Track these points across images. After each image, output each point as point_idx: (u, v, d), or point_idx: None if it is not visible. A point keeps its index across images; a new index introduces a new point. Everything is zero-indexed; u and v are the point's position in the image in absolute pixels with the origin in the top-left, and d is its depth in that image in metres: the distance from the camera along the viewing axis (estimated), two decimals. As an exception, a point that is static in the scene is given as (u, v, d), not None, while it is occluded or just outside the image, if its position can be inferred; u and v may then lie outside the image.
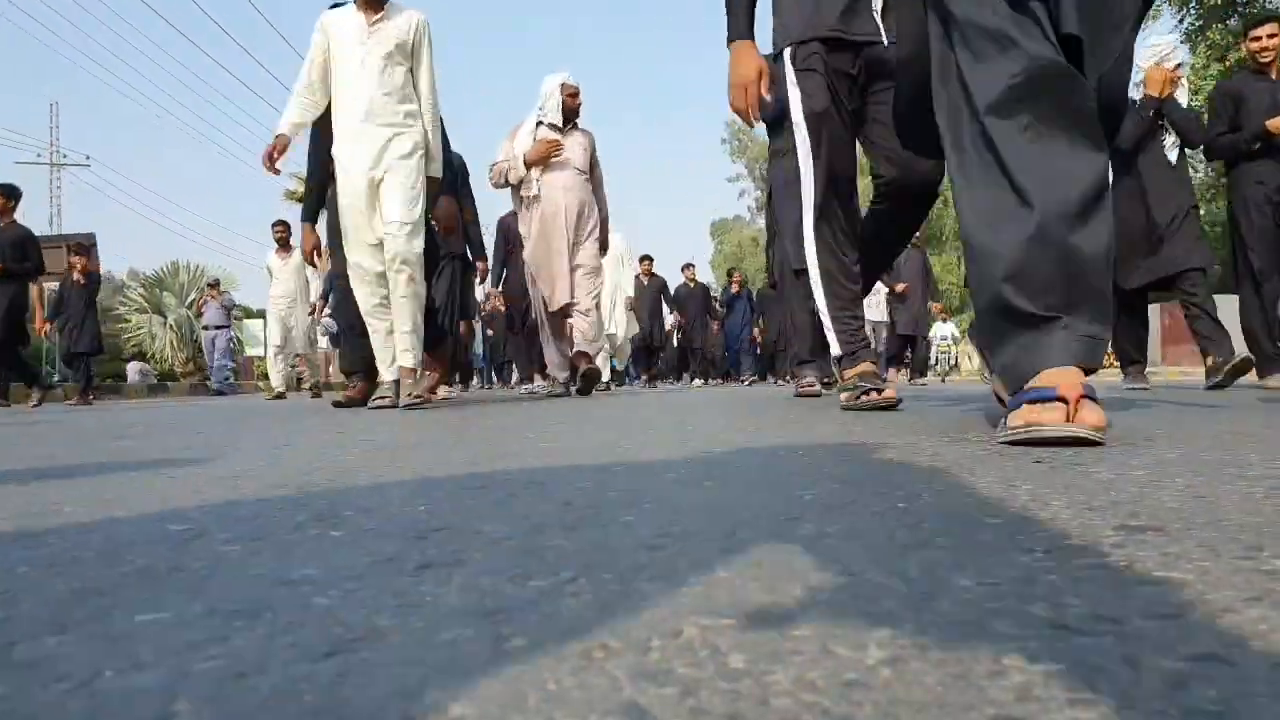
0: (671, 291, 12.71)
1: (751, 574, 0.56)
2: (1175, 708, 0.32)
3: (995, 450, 1.30)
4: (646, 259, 11.90)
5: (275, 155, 3.81)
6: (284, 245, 8.98)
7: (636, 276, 11.51)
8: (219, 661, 0.41)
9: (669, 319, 13.03)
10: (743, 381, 13.21)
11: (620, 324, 9.61)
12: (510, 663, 0.40)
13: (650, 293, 11.94)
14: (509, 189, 5.56)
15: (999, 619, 0.44)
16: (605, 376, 8.91)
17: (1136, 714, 0.32)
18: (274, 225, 9.05)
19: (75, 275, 9.47)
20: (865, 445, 1.45)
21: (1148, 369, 5.03)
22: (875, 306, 10.31)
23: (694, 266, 13.49)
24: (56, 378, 9.92)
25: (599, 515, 0.80)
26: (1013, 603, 0.47)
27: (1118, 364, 5.11)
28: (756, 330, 13.17)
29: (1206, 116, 5.02)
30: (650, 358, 12.70)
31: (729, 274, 14.32)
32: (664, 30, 73.46)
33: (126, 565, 0.63)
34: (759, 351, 13.48)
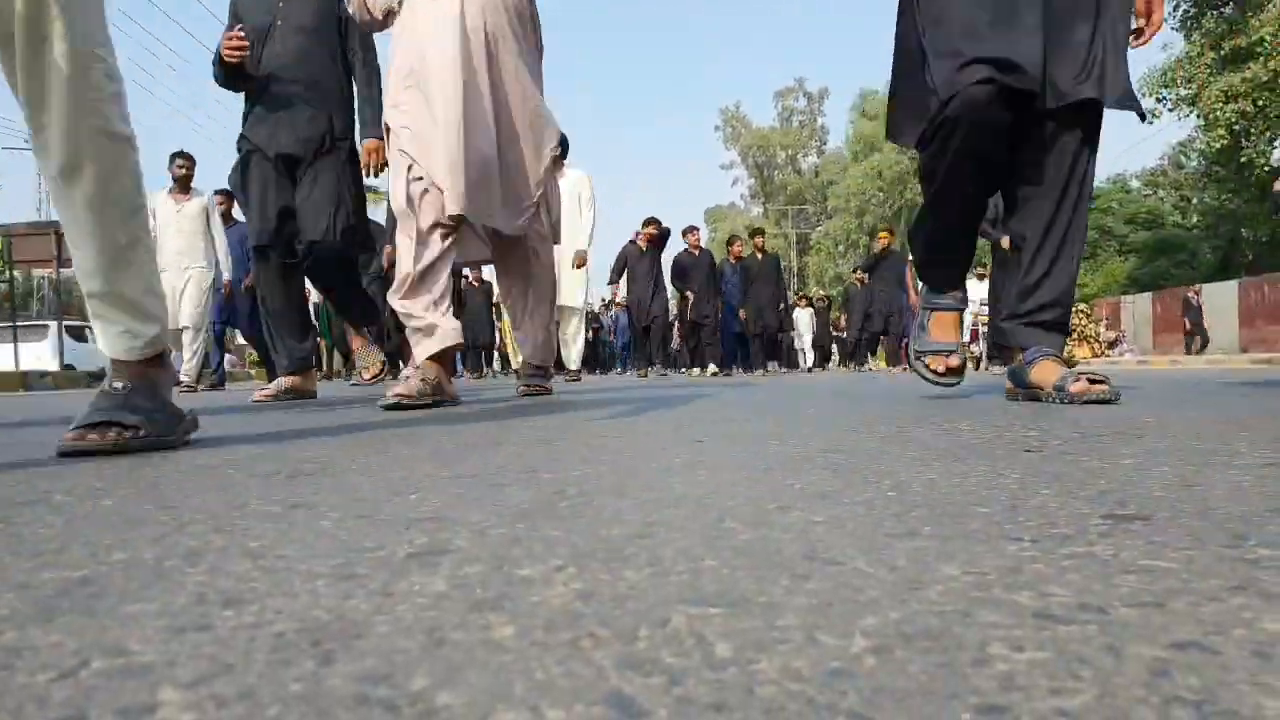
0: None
1: (739, 563, 0.56)
2: (1156, 696, 0.33)
3: (986, 440, 1.31)
4: (652, 222, 9.97)
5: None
6: (183, 186, 7.12)
7: (632, 242, 10.00)
8: (204, 650, 0.41)
9: (670, 296, 10.89)
10: (753, 370, 11.62)
11: (572, 291, 7.39)
12: (496, 652, 0.40)
13: (646, 262, 10.09)
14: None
15: (984, 608, 0.44)
16: (574, 365, 7.54)
17: (1118, 702, 0.32)
18: (173, 158, 7.10)
19: None
20: (856, 435, 1.45)
21: (1140, 356, 5.12)
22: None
23: (698, 230, 11.14)
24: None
25: (590, 504, 0.80)
26: (998, 592, 0.47)
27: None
28: (741, 311, 11.48)
29: None
30: (646, 340, 10.51)
31: (728, 243, 12.14)
32: (655, 16, 73.12)
33: (114, 555, 0.63)
34: (740, 331, 11.70)
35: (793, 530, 0.66)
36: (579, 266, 7.44)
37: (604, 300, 19.01)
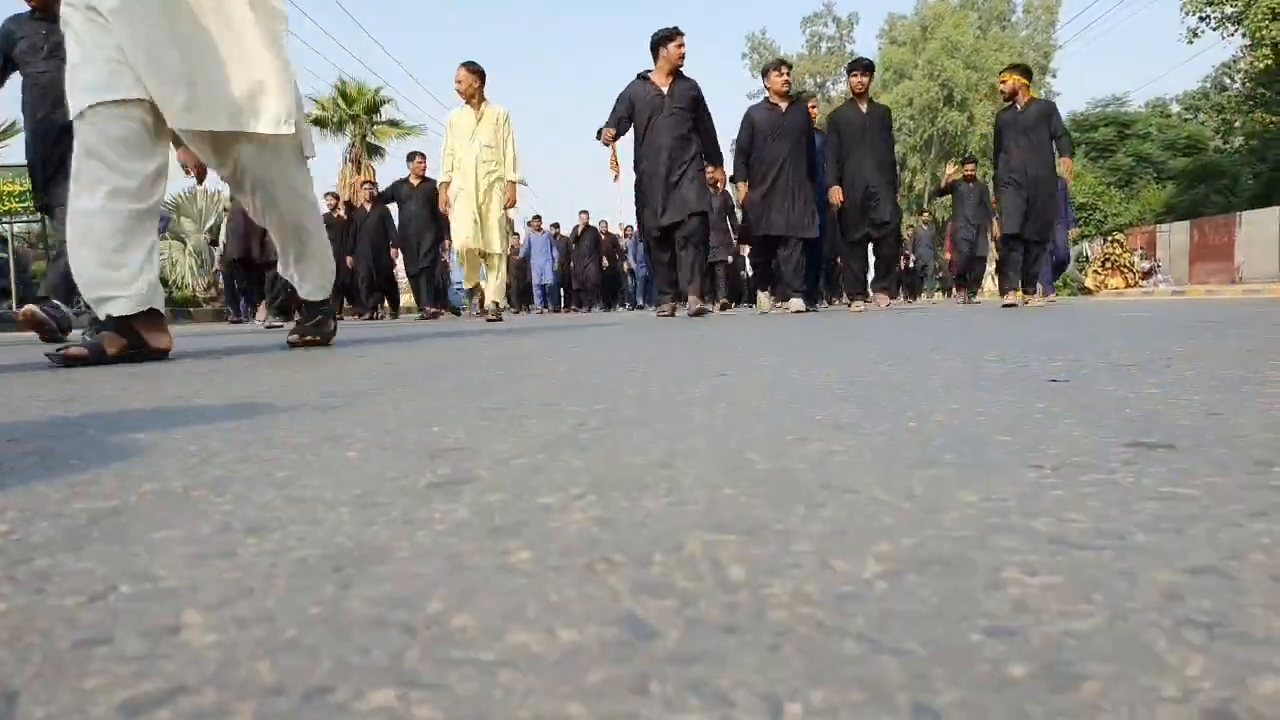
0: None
1: (757, 491, 0.56)
2: (1168, 619, 0.32)
3: (1011, 371, 1.30)
4: (674, 36, 5.69)
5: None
6: None
7: (642, 78, 5.74)
8: (227, 575, 0.42)
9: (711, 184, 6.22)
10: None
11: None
12: (513, 576, 0.40)
13: (666, 112, 5.59)
14: None
15: (1000, 534, 0.44)
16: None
17: (1128, 625, 0.32)
18: None
19: None
20: (880, 367, 1.44)
21: (1175, 286, 5.53)
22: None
23: (786, 69, 6.48)
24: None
25: (611, 435, 0.80)
26: (1016, 518, 0.47)
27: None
28: (834, 194, 6.52)
29: None
30: (663, 254, 5.90)
31: (799, 95, 6.71)
32: (681, -61, 70.59)
33: (143, 485, 0.65)
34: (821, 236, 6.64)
35: (812, 460, 0.66)
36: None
37: (623, 224, 17.53)
